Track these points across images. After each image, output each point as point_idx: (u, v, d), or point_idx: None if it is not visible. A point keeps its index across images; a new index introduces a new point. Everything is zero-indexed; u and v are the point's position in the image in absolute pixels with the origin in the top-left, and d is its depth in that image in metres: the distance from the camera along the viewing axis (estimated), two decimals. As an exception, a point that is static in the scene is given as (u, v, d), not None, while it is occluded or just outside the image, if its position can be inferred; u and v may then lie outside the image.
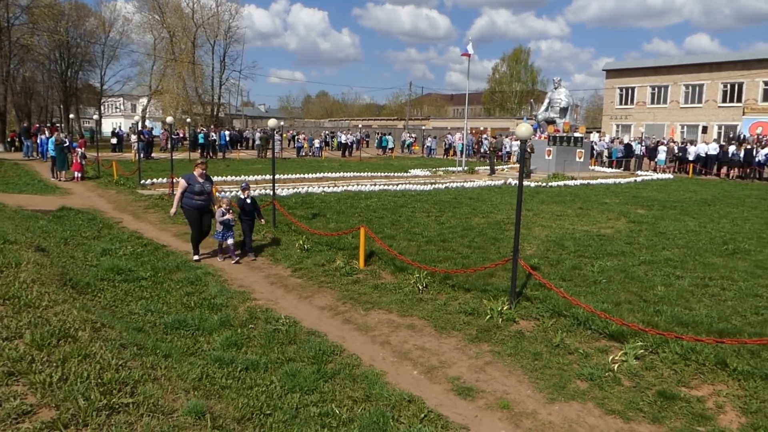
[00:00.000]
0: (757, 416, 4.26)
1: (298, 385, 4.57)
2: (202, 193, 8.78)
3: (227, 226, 8.71)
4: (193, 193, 8.74)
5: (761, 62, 40.57)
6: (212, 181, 9.25)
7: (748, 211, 14.53)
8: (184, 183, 8.78)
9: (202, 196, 8.79)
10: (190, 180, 8.78)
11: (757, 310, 6.39)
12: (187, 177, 8.84)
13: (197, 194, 8.75)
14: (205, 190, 8.84)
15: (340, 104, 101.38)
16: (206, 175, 8.94)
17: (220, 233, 8.76)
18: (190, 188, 8.74)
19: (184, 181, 8.80)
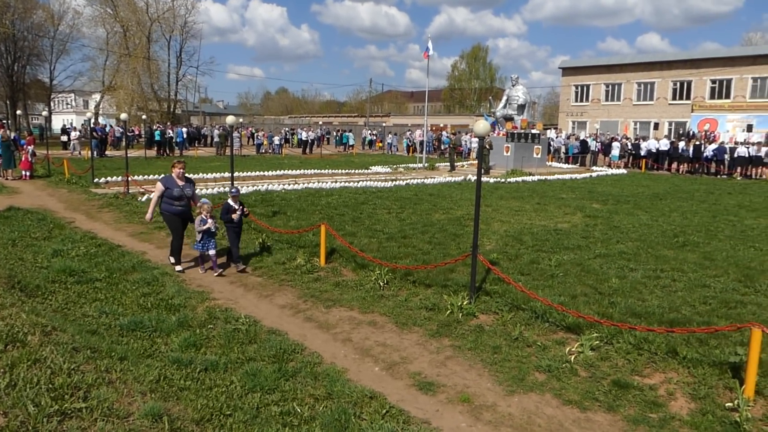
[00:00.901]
0: (705, 402, 4.43)
1: (259, 385, 4.52)
2: (182, 198, 7.98)
3: (209, 234, 7.90)
4: (171, 198, 7.92)
5: (708, 61, 42.07)
6: (194, 183, 8.41)
7: (696, 205, 15.07)
8: (161, 187, 7.95)
9: (182, 201, 8.00)
10: (168, 183, 7.96)
11: (705, 300, 6.63)
12: (164, 179, 8.04)
13: (176, 199, 7.93)
14: (186, 194, 8.03)
15: (300, 101, 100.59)
16: (186, 177, 8.18)
17: (200, 243, 7.91)
18: (168, 192, 7.93)
19: (161, 184, 7.97)
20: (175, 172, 8.05)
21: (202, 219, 7.82)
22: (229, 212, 8.00)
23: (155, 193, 8.12)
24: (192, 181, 8.34)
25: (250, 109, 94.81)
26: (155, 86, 48.82)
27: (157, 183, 8.14)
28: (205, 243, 7.92)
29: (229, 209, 8.02)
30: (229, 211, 8.00)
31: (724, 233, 10.87)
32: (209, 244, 7.92)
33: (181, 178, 8.06)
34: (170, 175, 8.09)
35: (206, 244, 7.92)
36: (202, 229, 7.82)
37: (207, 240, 7.90)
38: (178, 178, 8.02)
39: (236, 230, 8.14)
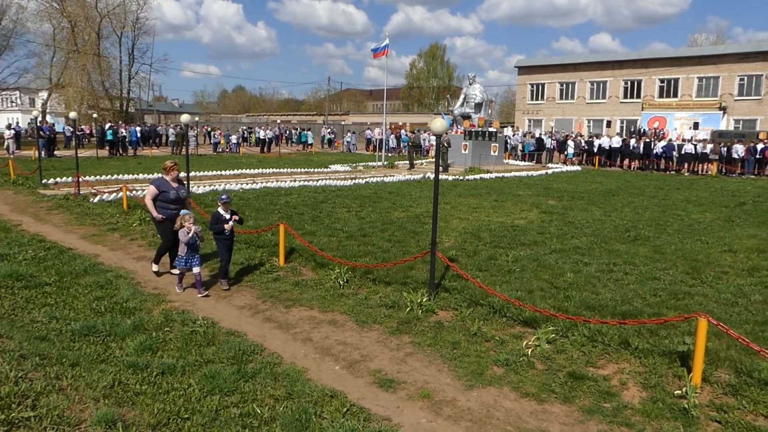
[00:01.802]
0: (655, 390, 4.59)
1: (218, 387, 4.46)
2: (177, 201, 7.48)
3: (194, 249, 6.98)
4: (167, 201, 7.41)
5: (657, 61, 43.53)
6: (186, 186, 7.93)
7: (647, 200, 15.56)
8: (154, 190, 7.44)
9: (177, 204, 7.47)
10: (163, 186, 7.45)
11: (655, 292, 6.87)
12: (158, 182, 7.51)
13: (172, 202, 7.42)
14: (181, 196, 7.60)
15: (258, 99, 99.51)
16: (180, 180, 7.74)
17: (183, 259, 6.94)
18: (164, 196, 7.41)
19: (154, 187, 7.46)
20: (170, 176, 7.53)
21: (186, 232, 6.85)
22: (219, 222, 7.08)
23: (148, 197, 7.47)
24: (184, 185, 7.84)
25: (206, 108, 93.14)
26: (106, 84, 47.39)
27: (149, 186, 7.59)
28: (189, 259, 6.95)
29: (219, 218, 7.10)
30: (220, 221, 7.08)
31: (672, 227, 11.26)
32: (193, 260, 6.98)
33: (175, 181, 7.57)
34: (162, 177, 7.57)
35: (190, 260, 6.96)
36: (187, 240, 6.87)
37: (191, 255, 6.96)
38: (171, 181, 7.52)
39: (227, 243, 7.25)
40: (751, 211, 13.95)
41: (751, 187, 20.15)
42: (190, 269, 7.00)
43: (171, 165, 7.55)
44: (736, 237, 10.30)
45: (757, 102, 39.14)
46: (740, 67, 39.67)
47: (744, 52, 40.15)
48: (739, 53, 40.33)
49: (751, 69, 39.26)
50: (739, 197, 16.76)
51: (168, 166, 7.55)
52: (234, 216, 7.18)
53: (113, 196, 13.50)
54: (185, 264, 6.98)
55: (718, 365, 4.86)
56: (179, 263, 7.02)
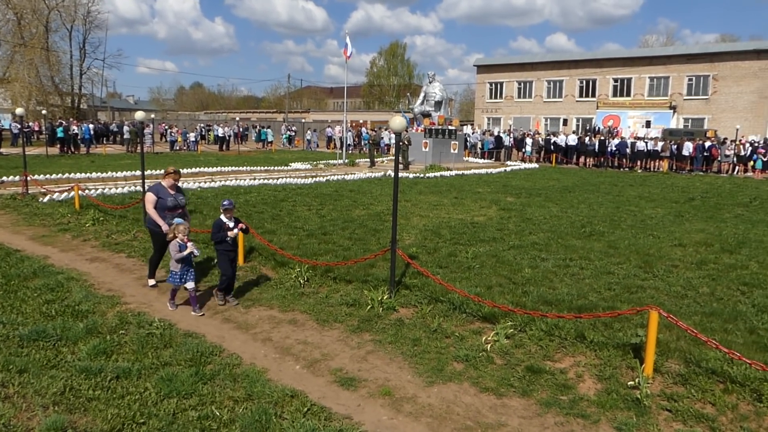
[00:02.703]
0: (610, 381, 4.71)
1: (175, 390, 4.37)
2: (176, 208, 7.04)
3: (188, 263, 6.33)
4: (164, 208, 6.95)
5: (611, 61, 44.68)
6: (185, 193, 7.50)
7: (602, 197, 15.97)
8: (152, 197, 6.95)
9: (176, 211, 7.04)
10: (160, 192, 6.99)
11: (609, 286, 7.05)
12: (155, 189, 7.04)
13: (170, 209, 6.98)
14: (179, 203, 7.10)
15: (217, 96, 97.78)
16: (178, 186, 7.24)
17: (177, 274, 6.26)
18: (161, 203, 6.95)
19: (152, 194, 6.98)
20: (168, 182, 7.04)
21: (179, 244, 6.21)
22: (221, 231, 6.40)
23: (149, 205, 6.95)
24: (183, 192, 7.38)
25: (163, 105, 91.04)
26: (56, 79, 45.84)
27: (147, 194, 7.07)
28: (183, 274, 6.28)
29: (221, 227, 6.41)
30: (222, 230, 6.40)
31: (626, 223, 11.58)
32: (188, 275, 6.31)
33: (173, 188, 7.07)
34: (159, 184, 7.10)
35: (184, 275, 6.29)
36: (180, 257, 6.18)
37: (185, 270, 6.29)
38: (169, 188, 7.03)
39: (231, 255, 6.59)
40: (700, 206, 14.47)
41: (700, 184, 20.91)
42: (185, 284, 6.33)
43: (169, 171, 7.08)
44: (686, 232, 10.66)
45: (704, 101, 40.60)
46: (688, 67, 41.07)
47: (692, 54, 41.60)
48: (687, 54, 41.76)
49: (698, 70, 40.70)
50: (689, 193, 17.38)
51: (167, 172, 7.08)
52: (240, 224, 6.56)
53: (64, 196, 13.08)
54: (179, 280, 6.31)
55: (668, 356, 5.03)
56: (172, 279, 6.33)
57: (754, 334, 5.55)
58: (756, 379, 4.54)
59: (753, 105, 38.96)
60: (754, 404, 4.33)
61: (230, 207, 6.50)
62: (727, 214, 13.23)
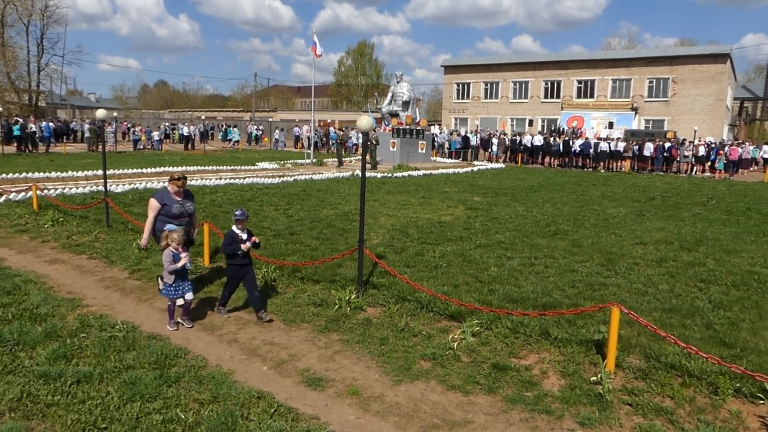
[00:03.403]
0: (573, 377, 4.81)
1: (139, 393, 4.30)
2: (182, 216, 6.51)
3: (183, 274, 5.83)
4: (169, 216, 6.41)
5: (575, 63, 45.55)
6: (194, 200, 6.93)
7: (566, 196, 16.26)
8: (156, 204, 6.43)
9: (183, 219, 6.52)
10: (165, 199, 6.46)
11: (573, 284, 7.19)
12: (159, 195, 6.53)
13: (176, 218, 6.45)
14: (187, 211, 6.58)
15: (182, 95, 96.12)
16: (186, 192, 6.66)
17: (172, 287, 5.74)
18: (166, 210, 6.42)
19: (156, 201, 6.45)
20: (173, 188, 6.51)
21: (173, 254, 5.70)
22: (234, 243, 6.00)
23: (150, 213, 6.45)
24: (192, 196, 6.82)
25: (126, 103, 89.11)
26: (12, 75, 44.47)
27: (150, 200, 6.52)
28: (178, 286, 5.76)
29: (234, 239, 6.00)
30: (235, 242, 6.01)
31: (589, 222, 11.82)
32: (184, 286, 5.81)
33: (179, 194, 6.53)
34: (165, 189, 6.58)
35: (180, 287, 5.77)
36: (175, 268, 5.67)
37: (181, 282, 5.79)
38: (175, 194, 6.50)
39: (243, 270, 6.07)
40: (660, 205, 14.87)
41: (660, 183, 21.48)
42: (183, 296, 5.79)
43: (175, 177, 6.53)
44: (647, 230, 10.94)
45: (665, 103, 41.71)
46: (649, 70, 42.15)
47: (652, 57, 42.70)
48: (648, 57, 42.86)
49: (659, 72, 41.80)
50: (649, 193, 17.83)
51: (172, 178, 6.55)
52: (252, 237, 6.08)
53: (21, 196, 12.69)
54: (175, 292, 5.75)
55: (630, 351, 5.15)
56: (167, 292, 5.76)
57: (710, 329, 5.73)
58: (712, 372, 4.69)
59: (710, 107, 40.20)
60: (710, 397, 4.47)
61: (243, 218, 6.01)
62: (685, 213, 13.62)
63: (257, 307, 6.05)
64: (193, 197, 6.82)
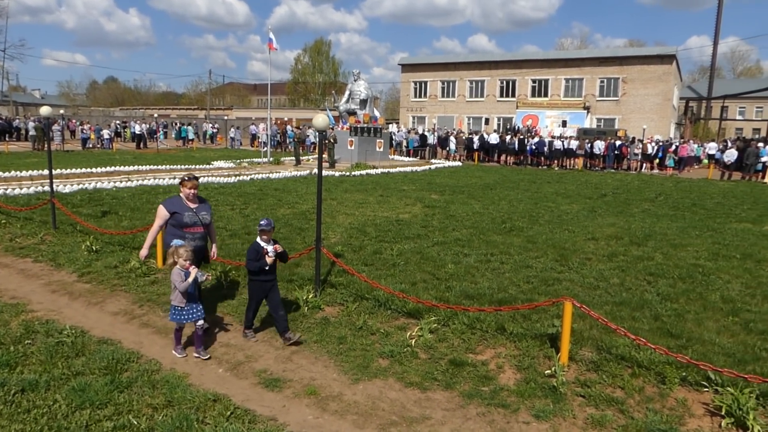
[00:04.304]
0: (528, 371, 4.90)
1: (89, 400, 4.16)
2: (195, 226, 5.59)
3: (193, 297, 5.14)
4: (180, 225, 5.53)
5: (529, 62, 46.43)
6: (209, 205, 5.98)
7: (521, 194, 16.56)
8: (164, 212, 5.59)
9: (197, 230, 5.61)
10: (174, 206, 5.59)
11: (528, 280, 7.33)
12: (169, 202, 5.66)
13: (189, 227, 5.56)
14: (201, 220, 5.65)
15: (133, 92, 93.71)
16: (201, 198, 5.84)
17: (185, 310, 5.06)
18: (177, 219, 5.54)
19: (164, 208, 5.60)
20: (185, 192, 5.66)
21: (184, 272, 5.01)
22: (260, 258, 5.32)
23: (156, 221, 5.68)
24: (207, 203, 5.92)
25: (74, 100, 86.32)
26: (-49, 71, 42.36)
27: (159, 207, 5.70)
28: (189, 309, 5.09)
29: (259, 252, 5.32)
30: (260, 256, 5.32)
31: (544, 218, 12.07)
32: (196, 310, 5.12)
33: (193, 199, 5.69)
34: (177, 196, 5.74)
35: (192, 310, 5.10)
36: (187, 285, 4.98)
37: (193, 305, 5.12)
38: (187, 199, 5.66)
39: (267, 285, 5.41)
40: (611, 202, 15.30)
41: (611, 180, 22.10)
42: (195, 322, 5.12)
43: (185, 179, 5.67)
44: (598, 226, 11.24)
45: (615, 102, 42.94)
46: (601, 70, 43.32)
47: (603, 57, 43.91)
48: (599, 57, 44.05)
49: (609, 72, 43.01)
50: (601, 189, 18.33)
51: (183, 180, 5.69)
52: (276, 246, 5.41)
53: (-38, 197, 12.12)
54: (188, 316, 5.09)
55: (582, 344, 5.28)
56: (176, 317, 5.10)
57: (658, 320, 5.93)
58: (660, 362, 4.85)
59: (658, 107, 41.59)
60: (658, 386, 4.62)
61: (268, 228, 5.33)
62: (635, 209, 14.06)
63: (283, 327, 5.42)
64: (209, 205, 5.93)
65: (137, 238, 8.91)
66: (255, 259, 5.29)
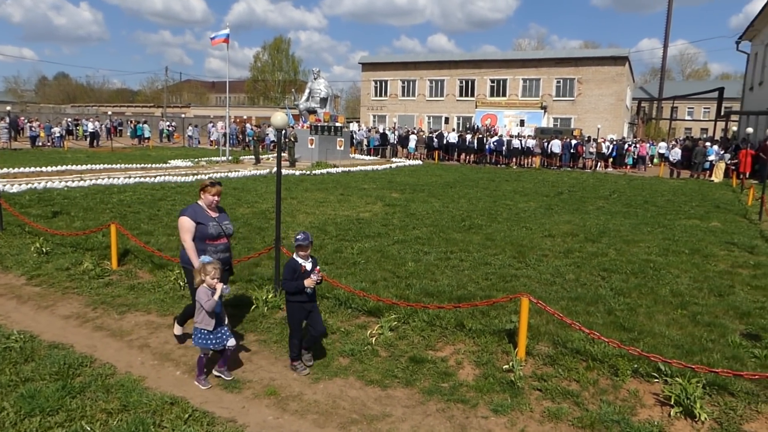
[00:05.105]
0: (487, 367, 4.97)
1: (38, 407, 4.03)
2: (220, 238, 5.10)
3: (221, 316, 4.67)
4: (204, 238, 5.01)
5: (488, 63, 47.06)
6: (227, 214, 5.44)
7: (481, 192, 16.78)
8: (189, 223, 4.98)
9: (221, 241, 5.13)
10: (198, 216, 5.02)
11: (487, 276, 7.44)
12: (191, 212, 5.04)
13: (214, 239, 5.06)
14: (225, 231, 5.16)
15: (86, 88, 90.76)
16: (220, 207, 5.28)
17: (212, 335, 4.58)
18: (201, 231, 5.00)
19: (189, 219, 4.99)
20: (207, 200, 5.10)
21: (209, 293, 4.53)
22: (298, 277, 4.73)
23: (186, 235, 4.99)
24: (225, 211, 5.38)
25: (21, 96, 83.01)
26: None
27: (182, 219, 5.03)
28: (218, 332, 4.61)
29: (296, 270, 4.75)
30: (298, 275, 4.74)
31: (502, 216, 12.26)
32: (225, 331, 4.67)
33: (214, 207, 5.17)
34: (197, 204, 5.13)
35: (220, 334, 4.62)
36: (212, 305, 4.51)
37: (221, 328, 4.65)
38: (209, 208, 5.12)
39: (307, 306, 4.87)
40: (567, 199, 15.66)
41: (567, 179, 22.61)
42: (225, 345, 4.66)
43: (207, 184, 5.11)
44: (555, 223, 11.49)
45: (571, 102, 43.93)
46: (557, 71, 44.25)
47: (559, 58, 44.87)
48: (555, 58, 44.99)
49: (565, 73, 43.97)
50: (558, 188, 18.74)
51: (204, 185, 5.13)
52: (317, 268, 4.86)
53: None
54: (214, 341, 4.59)
55: (539, 339, 5.40)
56: (203, 341, 4.57)
57: (611, 314, 6.11)
58: (613, 355, 5.00)
59: (612, 107, 42.75)
60: (611, 378, 4.76)
61: (306, 243, 4.75)
62: (590, 206, 14.42)
63: (307, 344, 5.00)
64: (226, 212, 5.40)
65: (90, 239, 8.68)
66: (293, 278, 4.71)
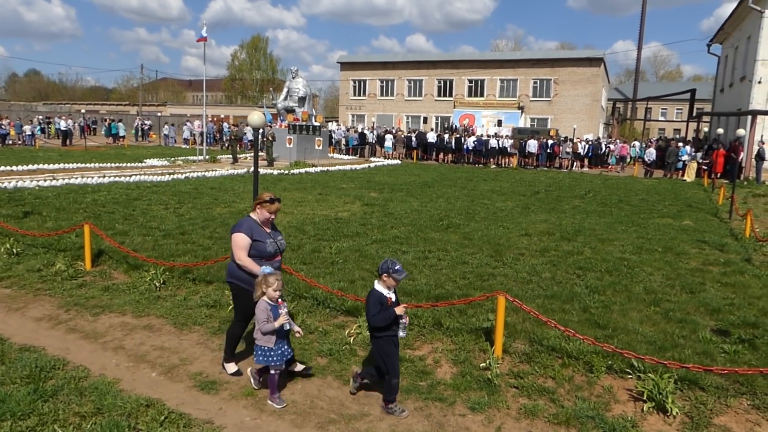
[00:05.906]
0: (464, 365, 5.01)
1: (9, 411, 3.96)
2: (276, 255, 4.75)
3: (282, 334, 4.37)
4: (262, 256, 4.63)
5: (466, 63, 47.32)
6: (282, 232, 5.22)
7: (459, 191, 16.87)
8: (245, 240, 4.59)
9: (277, 259, 4.78)
10: (255, 232, 4.64)
11: (464, 275, 7.49)
12: (246, 227, 4.63)
13: (272, 257, 4.70)
14: (280, 247, 4.81)
15: (58, 86, 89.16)
16: (273, 223, 4.86)
17: (271, 351, 4.32)
18: (258, 248, 4.62)
19: (245, 235, 4.59)
20: (263, 215, 4.68)
21: (271, 306, 4.31)
22: (383, 307, 4.18)
23: (242, 252, 4.59)
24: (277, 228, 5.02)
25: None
26: None
27: (236, 235, 4.62)
28: (279, 349, 4.36)
29: (383, 303, 4.18)
30: (383, 306, 4.18)
31: (480, 215, 12.35)
32: (285, 348, 4.42)
33: (269, 224, 4.77)
34: (251, 219, 4.73)
35: (282, 349, 4.38)
36: (270, 329, 4.28)
37: (283, 343, 4.40)
38: (264, 224, 4.73)
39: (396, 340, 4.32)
40: (543, 199, 15.82)
41: (544, 178, 22.84)
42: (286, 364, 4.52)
43: (266, 199, 4.66)
44: (531, 222, 11.61)
45: (548, 103, 44.40)
46: (534, 71, 44.68)
47: (536, 59, 45.32)
48: (532, 59, 45.42)
49: (542, 74, 44.42)
50: (534, 187, 18.92)
51: (260, 201, 4.69)
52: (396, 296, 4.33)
53: None
54: (279, 359, 4.35)
55: (516, 337, 5.45)
56: (268, 359, 4.33)
57: (587, 312, 6.19)
58: (588, 352, 5.07)
59: (587, 107, 43.30)
60: (586, 375, 4.83)
61: (400, 275, 4.18)
62: (566, 205, 14.60)
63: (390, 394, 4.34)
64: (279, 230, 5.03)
65: (63, 240, 8.53)
66: (380, 311, 4.17)
